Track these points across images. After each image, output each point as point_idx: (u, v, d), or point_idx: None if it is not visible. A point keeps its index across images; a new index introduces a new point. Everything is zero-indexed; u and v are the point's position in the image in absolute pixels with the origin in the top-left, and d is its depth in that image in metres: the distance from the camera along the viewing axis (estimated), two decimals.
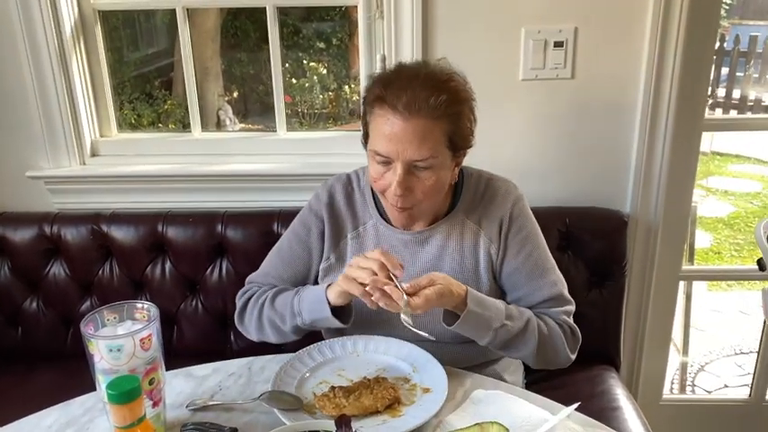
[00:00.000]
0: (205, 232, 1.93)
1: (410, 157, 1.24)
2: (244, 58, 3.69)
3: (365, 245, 1.42)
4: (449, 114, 1.25)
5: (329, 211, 1.44)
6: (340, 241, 1.44)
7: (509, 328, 1.28)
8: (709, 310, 3.69)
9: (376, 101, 1.26)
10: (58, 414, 1.20)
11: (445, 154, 1.28)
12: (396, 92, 1.23)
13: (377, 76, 1.33)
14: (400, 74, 1.28)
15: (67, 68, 1.99)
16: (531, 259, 1.38)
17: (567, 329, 1.38)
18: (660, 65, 1.82)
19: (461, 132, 1.30)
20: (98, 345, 1.03)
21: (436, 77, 1.27)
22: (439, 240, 1.39)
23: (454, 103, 1.26)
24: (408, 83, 1.23)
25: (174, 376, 1.30)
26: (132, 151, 2.13)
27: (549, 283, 1.38)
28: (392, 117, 1.23)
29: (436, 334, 1.31)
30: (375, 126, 1.27)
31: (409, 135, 1.23)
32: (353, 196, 1.46)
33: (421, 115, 1.22)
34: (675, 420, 2.28)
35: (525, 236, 1.39)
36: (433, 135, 1.24)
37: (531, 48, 1.83)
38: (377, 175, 1.30)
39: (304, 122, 3.45)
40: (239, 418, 1.16)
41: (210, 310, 1.95)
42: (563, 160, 1.95)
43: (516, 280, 1.39)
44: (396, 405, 1.16)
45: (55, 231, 1.95)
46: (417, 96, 1.21)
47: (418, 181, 1.27)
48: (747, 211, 5.32)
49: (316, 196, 1.48)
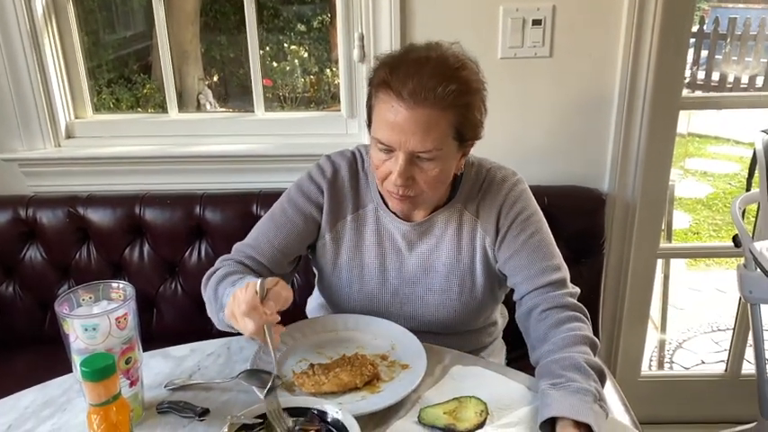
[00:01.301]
0: (183, 214, 1.91)
1: (413, 148, 1.17)
2: (224, 41, 3.65)
3: (364, 230, 1.37)
4: (457, 105, 1.17)
5: (331, 187, 1.36)
6: (338, 221, 1.37)
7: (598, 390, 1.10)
8: (688, 288, 3.74)
9: (381, 85, 1.18)
10: (35, 395, 1.19)
11: (451, 145, 1.21)
12: (402, 77, 1.14)
13: (383, 57, 1.23)
14: (408, 57, 1.20)
15: (40, 49, 1.96)
16: (532, 241, 1.30)
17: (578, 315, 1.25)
18: (637, 43, 1.82)
19: (470, 124, 1.22)
20: (73, 324, 1.02)
21: (447, 64, 1.18)
22: (437, 231, 1.35)
23: (464, 93, 1.17)
24: (417, 69, 1.15)
25: (152, 357, 1.29)
26: (108, 133, 2.11)
27: (552, 267, 1.29)
28: (396, 104, 1.15)
29: (424, 325, 1.33)
30: (378, 112, 1.20)
31: (413, 125, 1.15)
32: (358, 176, 1.38)
33: (427, 105, 1.14)
34: (654, 396, 2.32)
35: (525, 219, 1.32)
36: (439, 126, 1.17)
37: (510, 26, 1.83)
38: (378, 162, 1.23)
39: (285, 106, 3.42)
40: (218, 397, 1.16)
41: (190, 293, 1.94)
42: (541, 139, 1.96)
43: (517, 263, 1.30)
44: (375, 381, 1.16)
45: (30, 215, 1.93)
46: (424, 84, 1.13)
47: (421, 171, 1.21)
48: (726, 192, 5.38)
49: (317, 167, 1.39)
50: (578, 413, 1.01)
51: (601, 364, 1.15)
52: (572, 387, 1.06)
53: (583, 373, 1.10)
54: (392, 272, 1.36)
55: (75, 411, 1.14)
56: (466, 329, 1.41)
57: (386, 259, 1.36)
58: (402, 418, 1.08)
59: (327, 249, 1.38)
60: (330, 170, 1.38)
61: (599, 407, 1.04)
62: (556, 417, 1.02)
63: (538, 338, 1.23)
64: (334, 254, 1.38)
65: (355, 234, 1.37)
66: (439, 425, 1.06)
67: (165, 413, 1.13)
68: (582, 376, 1.09)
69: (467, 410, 1.08)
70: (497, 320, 1.52)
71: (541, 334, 1.23)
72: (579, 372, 1.10)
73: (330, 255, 1.39)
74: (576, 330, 1.20)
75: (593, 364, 1.13)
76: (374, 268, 1.37)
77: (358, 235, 1.37)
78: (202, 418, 1.10)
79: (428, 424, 1.06)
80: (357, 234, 1.37)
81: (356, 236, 1.37)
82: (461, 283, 1.34)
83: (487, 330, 1.48)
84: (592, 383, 1.08)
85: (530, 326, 1.28)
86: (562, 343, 1.17)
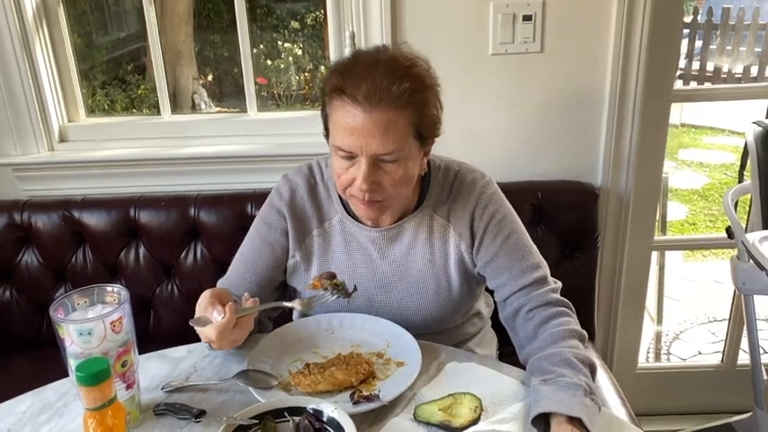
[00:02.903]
0: (178, 216, 1.92)
1: (375, 151, 1.17)
2: (217, 40, 3.64)
3: (331, 242, 1.37)
4: (413, 103, 1.16)
5: (291, 209, 1.37)
6: (305, 238, 1.37)
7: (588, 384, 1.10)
8: (685, 280, 3.75)
9: (334, 92, 1.17)
10: (31, 400, 1.20)
11: (412, 144, 1.20)
12: (355, 81, 1.14)
13: (334, 64, 1.24)
14: (358, 61, 1.19)
15: (31, 54, 1.96)
16: (509, 242, 1.31)
17: (564, 310, 1.26)
18: (628, 37, 1.83)
19: (428, 121, 1.22)
20: (68, 329, 1.02)
21: (398, 63, 1.18)
22: (407, 237, 1.34)
23: (418, 90, 1.17)
24: (368, 71, 1.15)
25: (149, 359, 1.30)
26: (101, 136, 2.11)
27: (532, 266, 1.30)
28: (352, 109, 1.15)
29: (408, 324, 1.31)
30: (335, 119, 1.19)
31: (372, 128, 1.14)
32: (317, 190, 1.38)
33: (383, 106, 1.14)
34: (651, 388, 2.33)
35: (500, 221, 1.32)
36: (398, 126, 1.16)
37: (500, 22, 1.83)
38: (341, 170, 1.22)
39: (281, 104, 3.42)
40: (215, 398, 1.17)
41: (186, 294, 1.94)
42: (534, 134, 1.96)
43: (497, 266, 1.31)
44: (370, 379, 1.17)
45: (25, 219, 1.93)
46: (378, 85, 1.13)
47: (385, 174, 1.20)
48: (721, 183, 5.40)
49: (276, 192, 1.40)
50: (569, 408, 1.01)
51: (591, 358, 1.16)
52: (562, 382, 1.07)
53: (572, 368, 1.11)
54: (365, 279, 1.36)
55: (72, 416, 1.15)
56: (447, 327, 1.41)
57: (357, 268, 1.36)
58: (397, 416, 1.09)
59: (299, 267, 1.39)
60: (287, 192, 1.38)
61: (590, 400, 1.05)
62: (548, 412, 1.02)
63: (527, 337, 1.24)
64: (305, 270, 1.39)
65: (324, 247, 1.37)
66: (434, 421, 1.06)
67: (162, 415, 1.13)
68: (572, 371, 1.10)
69: (462, 407, 1.08)
70: (481, 311, 1.51)
71: (530, 333, 1.24)
72: (569, 367, 1.11)
73: (302, 271, 1.39)
74: (563, 325, 1.21)
75: (583, 357, 1.14)
76: (346, 277, 1.36)
77: (326, 248, 1.37)
78: (198, 419, 1.11)
79: (423, 421, 1.07)
80: (325, 247, 1.37)
81: (325, 249, 1.37)
82: (437, 286, 1.34)
83: (471, 321, 1.48)
84: (582, 377, 1.09)
85: (516, 326, 1.29)
86: (550, 339, 1.18)
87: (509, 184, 1.49)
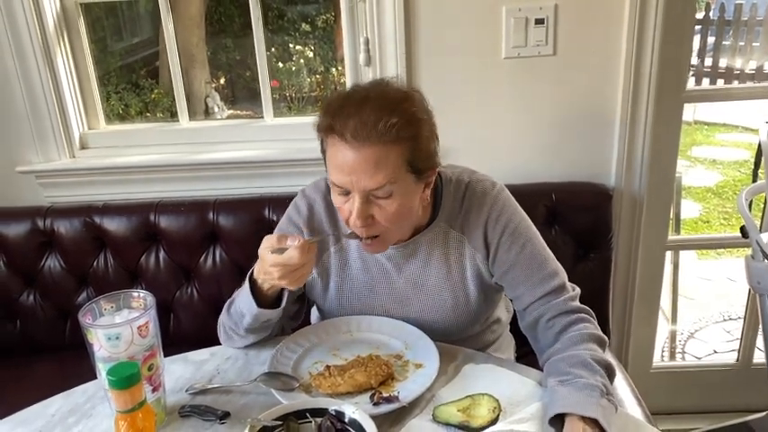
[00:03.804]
0: (197, 220, 1.95)
1: (365, 187, 1.16)
2: (229, 44, 3.68)
3: (348, 259, 1.38)
4: (402, 138, 1.15)
5: (309, 226, 1.37)
6: (323, 254, 1.38)
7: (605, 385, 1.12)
8: (699, 278, 3.74)
9: (327, 131, 1.18)
10: (60, 402, 1.23)
11: (406, 179, 1.19)
12: (344, 120, 1.14)
13: (326, 102, 1.23)
14: (350, 99, 1.19)
15: (52, 63, 2.00)
16: (525, 252, 1.30)
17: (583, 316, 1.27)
18: (640, 38, 1.84)
19: (421, 155, 1.19)
20: (96, 334, 1.05)
21: (388, 98, 1.17)
22: (423, 252, 1.34)
23: (407, 125, 1.15)
24: (357, 108, 1.14)
25: (173, 362, 1.33)
26: (121, 143, 2.15)
27: (549, 275, 1.30)
28: (342, 147, 1.15)
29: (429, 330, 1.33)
30: (330, 157, 1.20)
31: (362, 164, 1.14)
32: (333, 206, 1.36)
33: (371, 142, 1.13)
34: (666, 387, 2.33)
35: (513, 230, 1.31)
36: (388, 161, 1.15)
37: (513, 26, 1.84)
38: (339, 204, 1.24)
39: (293, 106, 3.45)
40: (238, 400, 1.19)
41: (206, 297, 1.98)
42: (547, 137, 1.97)
43: (514, 276, 1.31)
44: (389, 381, 1.19)
45: (48, 225, 1.97)
46: (366, 122, 1.12)
47: (379, 209, 1.20)
48: (735, 180, 5.36)
49: (294, 207, 1.41)
50: (585, 408, 1.03)
51: (609, 360, 1.18)
52: (579, 383, 1.09)
53: (589, 369, 1.12)
54: (383, 296, 1.38)
55: (99, 417, 1.18)
56: (466, 336, 1.42)
57: (375, 283, 1.38)
58: (416, 417, 1.11)
59: (316, 283, 1.40)
60: (305, 208, 1.39)
61: (606, 401, 1.07)
62: (563, 413, 1.04)
63: (547, 345, 1.26)
64: (323, 286, 1.40)
65: (341, 264, 1.38)
66: (453, 422, 1.08)
67: (187, 417, 1.16)
68: (588, 372, 1.12)
69: (480, 407, 1.10)
70: (500, 317, 1.52)
71: (550, 341, 1.25)
72: (586, 368, 1.12)
73: (319, 287, 1.41)
74: (582, 330, 1.22)
75: (600, 359, 1.16)
76: (364, 293, 1.38)
77: (344, 264, 1.38)
78: (223, 421, 1.14)
79: (442, 422, 1.09)
80: (342, 264, 1.38)
81: (342, 265, 1.38)
82: (455, 300, 1.35)
83: (491, 329, 1.49)
84: (598, 378, 1.11)
85: (538, 335, 1.30)
86: (569, 342, 1.20)
87: (523, 186, 1.50)
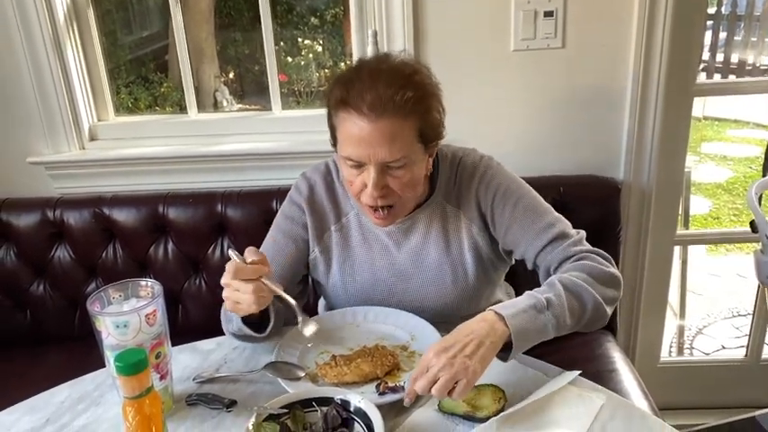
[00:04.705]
0: (205, 212, 1.96)
1: (382, 159, 1.20)
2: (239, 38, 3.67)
3: (349, 237, 1.41)
4: (417, 110, 1.19)
5: (310, 205, 1.41)
6: (324, 234, 1.42)
7: (554, 298, 1.15)
8: (708, 274, 3.72)
9: (339, 104, 1.20)
10: (70, 390, 1.25)
11: (417, 149, 1.23)
12: (358, 92, 1.17)
13: (336, 76, 1.27)
14: (361, 72, 1.21)
15: (62, 55, 2.01)
16: (517, 210, 1.32)
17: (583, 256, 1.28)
18: (650, 31, 1.83)
19: (431, 126, 1.24)
20: (105, 322, 1.06)
21: (400, 72, 1.20)
22: (422, 227, 1.37)
23: (422, 98, 1.20)
24: (371, 82, 1.17)
25: (180, 351, 1.34)
26: (130, 134, 2.16)
27: (547, 225, 1.31)
28: (358, 120, 1.17)
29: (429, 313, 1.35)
30: (342, 130, 1.22)
31: (379, 137, 1.17)
32: (334, 187, 1.43)
33: (388, 115, 1.16)
34: (673, 382, 2.33)
35: (504, 192, 1.34)
36: (404, 133, 1.19)
37: (522, 18, 1.84)
38: (351, 178, 1.26)
39: (301, 101, 3.45)
40: (245, 389, 1.20)
41: (214, 289, 1.98)
42: (555, 130, 1.97)
43: (513, 236, 1.33)
44: (395, 371, 1.20)
45: (58, 216, 1.98)
46: (382, 95, 1.15)
47: (393, 179, 1.23)
48: (746, 176, 5.32)
49: (295, 188, 1.44)
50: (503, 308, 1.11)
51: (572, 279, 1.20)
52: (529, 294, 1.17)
53: (549, 285, 1.19)
54: (384, 271, 1.40)
55: (108, 405, 1.19)
56: (466, 314, 1.42)
57: (375, 260, 1.40)
58: (422, 407, 1.12)
59: (318, 262, 1.43)
60: (306, 188, 1.42)
61: (534, 312, 1.12)
62: None
63: None
64: (325, 265, 1.42)
65: (342, 242, 1.41)
66: (458, 412, 1.09)
67: (194, 405, 1.17)
68: (547, 287, 1.19)
69: (485, 398, 1.11)
70: (502, 300, 1.51)
71: None
72: (547, 285, 1.20)
73: (322, 266, 1.43)
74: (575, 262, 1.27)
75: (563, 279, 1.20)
76: (365, 270, 1.40)
77: (345, 242, 1.41)
78: (230, 409, 1.15)
79: (447, 412, 1.10)
80: (344, 241, 1.41)
81: (343, 243, 1.41)
82: (454, 274, 1.37)
83: None
84: (548, 295, 1.15)
85: None
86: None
87: (531, 179, 1.49)
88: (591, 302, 1.19)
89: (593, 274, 1.23)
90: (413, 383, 1.05)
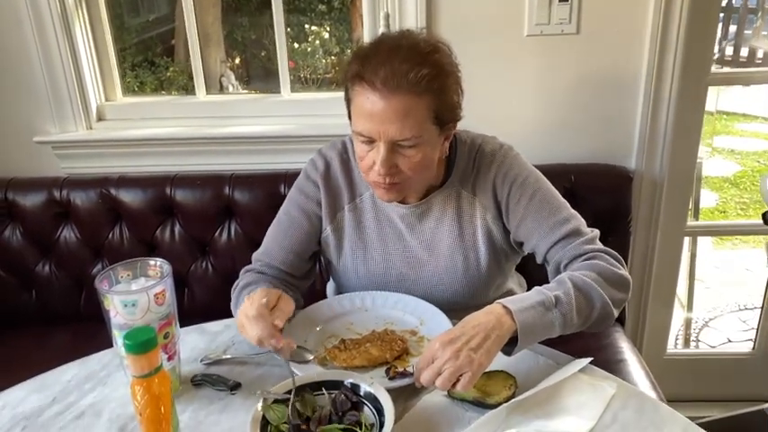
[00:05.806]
0: (213, 194, 1.95)
1: (392, 137, 1.17)
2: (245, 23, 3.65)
3: (363, 218, 1.39)
4: (432, 89, 1.16)
5: (325, 182, 1.39)
6: (337, 213, 1.40)
7: (563, 297, 1.13)
8: (715, 267, 3.71)
9: (355, 78, 1.18)
10: (77, 369, 1.24)
11: (431, 130, 1.20)
12: (374, 67, 1.14)
13: (356, 50, 1.24)
14: (379, 47, 1.19)
15: (71, 34, 1.99)
16: (533, 202, 1.30)
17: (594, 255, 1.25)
18: (666, 18, 1.80)
19: (447, 107, 1.21)
20: (113, 300, 1.05)
21: (418, 49, 1.17)
22: (435, 212, 1.36)
23: (437, 77, 1.16)
24: (387, 57, 1.14)
25: (189, 332, 1.33)
26: (138, 115, 2.14)
27: (561, 221, 1.29)
28: (371, 95, 1.15)
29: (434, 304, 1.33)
30: (356, 104, 1.20)
31: (390, 113, 1.15)
32: (350, 165, 1.40)
33: (401, 92, 1.13)
34: (679, 373, 2.32)
35: (522, 183, 1.31)
36: (417, 112, 1.16)
37: (536, 3, 1.81)
38: (362, 154, 1.24)
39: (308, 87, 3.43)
40: (252, 371, 1.20)
41: (220, 271, 1.98)
42: (568, 116, 1.95)
43: (527, 228, 1.31)
44: (404, 356, 1.19)
45: (64, 196, 1.97)
46: (396, 71, 1.12)
47: (403, 158, 1.21)
48: (754, 170, 5.30)
49: (311, 163, 1.42)
50: (511, 302, 1.10)
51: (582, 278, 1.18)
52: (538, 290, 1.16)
53: (558, 283, 1.17)
54: (396, 255, 1.38)
55: (114, 385, 1.19)
56: (477, 303, 1.41)
57: (388, 243, 1.38)
58: (432, 392, 1.11)
59: (330, 240, 1.41)
60: (322, 164, 1.40)
61: (543, 309, 1.10)
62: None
63: None
64: (337, 244, 1.41)
65: (355, 222, 1.39)
66: (468, 398, 1.08)
67: (200, 386, 1.17)
68: (556, 284, 1.17)
69: (496, 384, 1.10)
70: (513, 290, 1.51)
71: None
72: (557, 282, 1.18)
73: (333, 245, 1.41)
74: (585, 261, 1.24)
75: (573, 277, 1.18)
76: (377, 253, 1.39)
77: (358, 223, 1.39)
78: (234, 391, 1.14)
79: (457, 398, 1.09)
80: (357, 222, 1.39)
81: (356, 224, 1.39)
82: (466, 262, 1.36)
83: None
84: (557, 293, 1.13)
85: None
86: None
87: (542, 167, 1.47)
88: (599, 303, 1.17)
89: (603, 275, 1.20)
90: (418, 374, 1.04)
